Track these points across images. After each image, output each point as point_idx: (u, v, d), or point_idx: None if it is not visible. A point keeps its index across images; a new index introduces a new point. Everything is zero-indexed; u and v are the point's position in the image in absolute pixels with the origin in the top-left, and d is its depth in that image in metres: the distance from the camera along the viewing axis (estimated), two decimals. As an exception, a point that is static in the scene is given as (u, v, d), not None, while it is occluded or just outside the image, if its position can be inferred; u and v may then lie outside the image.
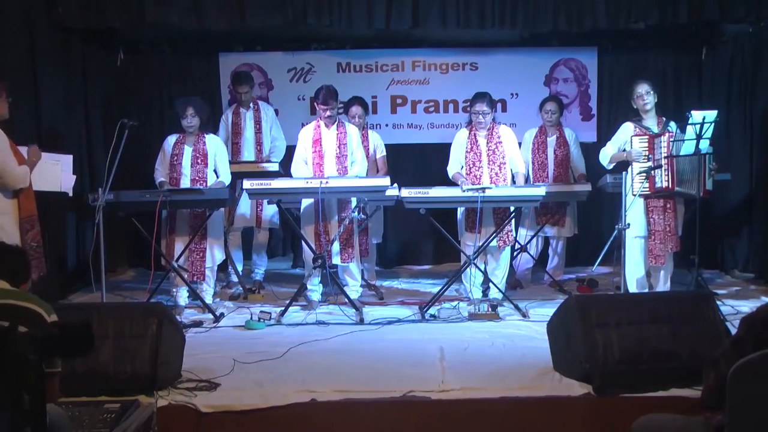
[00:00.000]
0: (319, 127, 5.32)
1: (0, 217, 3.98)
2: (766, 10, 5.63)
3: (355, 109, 5.84)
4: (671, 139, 4.87)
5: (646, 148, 4.95)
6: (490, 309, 4.96)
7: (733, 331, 2.59)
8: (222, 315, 5.10)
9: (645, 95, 5.04)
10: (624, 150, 5.10)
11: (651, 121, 5.10)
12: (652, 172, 4.90)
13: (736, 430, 2.06)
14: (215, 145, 5.38)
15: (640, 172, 4.96)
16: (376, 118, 7.07)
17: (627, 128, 5.15)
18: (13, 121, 5.20)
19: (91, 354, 2.39)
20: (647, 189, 4.97)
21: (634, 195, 4.97)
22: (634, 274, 5.10)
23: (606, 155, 5.22)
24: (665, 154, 4.87)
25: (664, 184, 4.89)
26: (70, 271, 5.90)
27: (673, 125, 5.05)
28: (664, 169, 4.89)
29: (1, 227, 3.97)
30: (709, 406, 2.25)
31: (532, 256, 6.17)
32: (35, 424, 2.20)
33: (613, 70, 7.20)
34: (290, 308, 5.07)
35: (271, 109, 6.33)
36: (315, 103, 5.35)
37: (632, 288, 5.08)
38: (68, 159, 4.83)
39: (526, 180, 5.77)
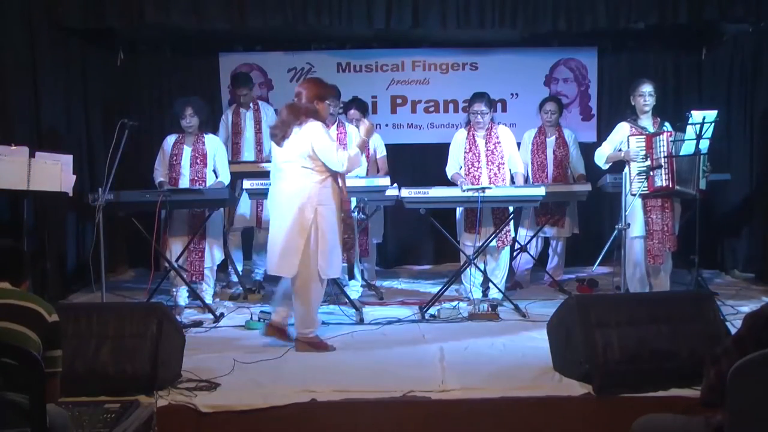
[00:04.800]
0: (318, 127, 5.32)
1: (322, 206, 4.14)
2: (766, 10, 5.63)
3: (353, 113, 5.82)
4: (671, 139, 4.86)
5: (644, 148, 4.95)
6: (490, 309, 4.96)
7: (734, 331, 2.59)
8: (222, 315, 5.10)
9: (647, 96, 5.04)
10: (620, 150, 5.09)
11: (647, 122, 5.10)
12: (652, 171, 4.90)
13: (736, 429, 2.06)
14: (214, 145, 5.38)
15: (639, 173, 4.96)
16: (376, 118, 7.06)
17: (623, 128, 5.14)
18: (13, 121, 5.23)
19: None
20: (646, 188, 4.96)
21: (633, 195, 4.96)
22: (634, 274, 5.10)
23: (602, 155, 5.21)
24: (665, 153, 4.86)
25: (664, 183, 4.89)
26: (70, 271, 5.90)
27: (668, 126, 5.04)
28: (664, 169, 4.88)
29: (323, 216, 4.14)
30: (709, 403, 2.25)
31: (532, 257, 6.17)
32: (35, 424, 2.20)
33: (613, 70, 7.21)
34: (290, 308, 5.07)
35: (271, 109, 6.33)
36: (317, 101, 5.33)
37: (632, 288, 5.08)
38: (68, 159, 4.83)
39: (526, 180, 5.77)
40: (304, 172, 4.14)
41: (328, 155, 4.13)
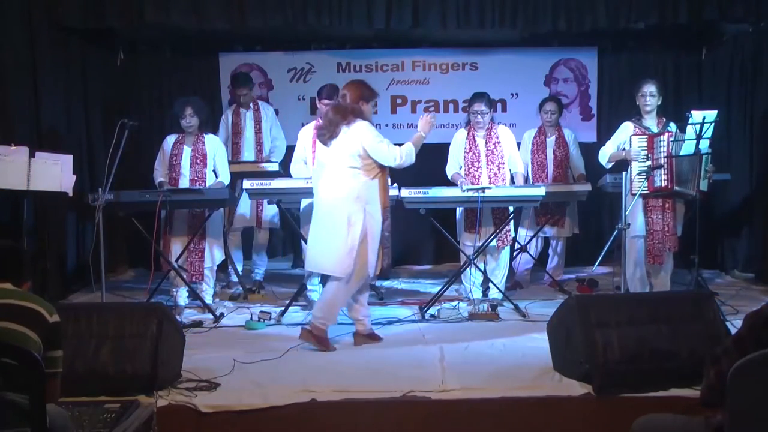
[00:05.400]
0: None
1: (369, 205, 4.21)
2: (766, 10, 5.63)
3: None
4: (671, 139, 4.86)
5: (645, 148, 4.95)
6: (490, 309, 4.96)
7: (734, 331, 2.59)
8: (222, 315, 5.10)
9: (648, 96, 5.04)
10: (623, 149, 5.10)
11: (651, 121, 5.10)
12: (652, 171, 4.90)
13: (736, 429, 2.06)
14: (214, 145, 5.38)
15: (639, 172, 4.96)
16: (376, 118, 6.99)
17: (626, 127, 5.15)
18: (13, 121, 5.23)
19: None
20: (646, 188, 4.96)
21: (633, 194, 4.96)
22: (634, 274, 5.09)
23: (605, 154, 5.22)
24: (665, 154, 4.86)
25: (663, 184, 4.89)
26: (70, 271, 5.90)
27: (673, 126, 5.04)
28: (664, 169, 4.89)
29: (371, 215, 4.20)
30: (709, 403, 2.25)
31: (532, 257, 6.17)
32: (35, 424, 2.20)
33: (613, 70, 7.22)
34: (290, 308, 5.07)
35: (271, 109, 6.33)
36: (317, 101, 5.34)
37: (632, 288, 5.07)
38: (68, 159, 4.83)
39: (526, 180, 5.77)
40: (352, 171, 4.18)
41: (380, 151, 4.20)
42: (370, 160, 4.20)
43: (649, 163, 4.91)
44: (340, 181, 4.19)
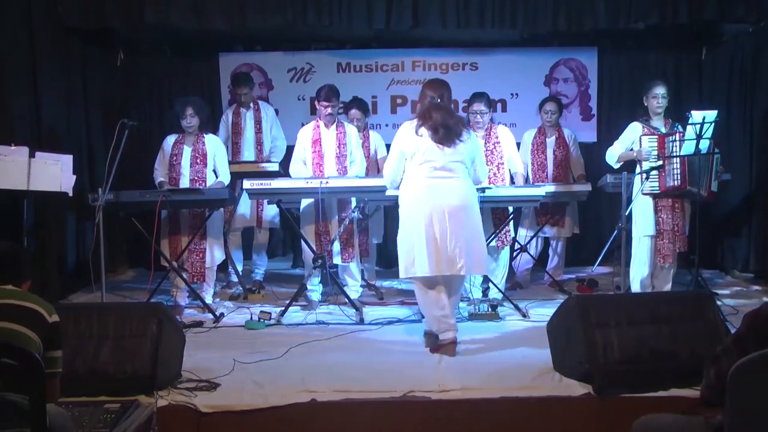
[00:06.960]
0: (318, 127, 5.32)
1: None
2: (766, 10, 5.63)
3: (354, 112, 5.83)
4: (680, 139, 4.86)
5: (656, 147, 4.94)
6: (490, 309, 4.96)
7: (734, 331, 2.59)
8: (222, 315, 5.10)
9: (660, 98, 5.04)
10: (632, 149, 5.09)
11: (659, 122, 5.10)
12: (663, 170, 4.88)
13: (736, 429, 2.06)
14: (214, 145, 5.38)
15: (641, 172, 4.96)
16: (376, 118, 7.07)
17: (635, 128, 5.13)
18: (13, 121, 5.23)
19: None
20: (657, 188, 4.95)
21: (645, 194, 4.96)
22: (639, 274, 5.09)
23: (613, 155, 5.21)
24: (677, 153, 4.85)
25: (677, 183, 4.87)
26: (70, 271, 5.90)
27: (679, 127, 5.04)
28: (676, 168, 4.87)
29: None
30: (709, 402, 2.25)
31: (532, 257, 6.16)
32: (35, 424, 2.20)
33: (613, 70, 7.22)
34: (290, 308, 5.07)
35: (271, 109, 6.33)
36: (316, 102, 5.36)
37: (635, 287, 5.07)
38: (68, 159, 4.83)
39: (526, 180, 5.78)
40: (467, 173, 4.28)
41: (485, 168, 4.52)
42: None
43: (660, 162, 4.91)
44: (467, 183, 4.23)
